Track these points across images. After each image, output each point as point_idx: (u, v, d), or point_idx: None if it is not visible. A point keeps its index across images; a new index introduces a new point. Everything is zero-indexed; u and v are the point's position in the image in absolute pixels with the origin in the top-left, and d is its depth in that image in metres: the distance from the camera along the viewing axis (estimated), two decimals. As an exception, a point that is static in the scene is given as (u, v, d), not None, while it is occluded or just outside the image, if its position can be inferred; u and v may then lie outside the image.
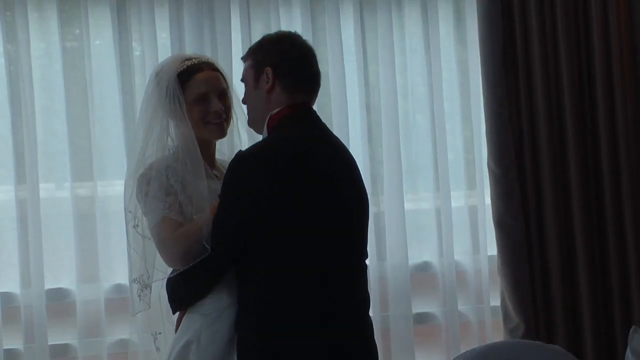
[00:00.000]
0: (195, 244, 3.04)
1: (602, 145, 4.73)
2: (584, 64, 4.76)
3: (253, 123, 3.17)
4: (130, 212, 3.19)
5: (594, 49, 4.74)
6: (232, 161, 3.05)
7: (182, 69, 3.19)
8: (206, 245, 3.02)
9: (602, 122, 4.73)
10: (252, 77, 3.13)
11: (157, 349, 3.31)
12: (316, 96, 3.18)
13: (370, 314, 3.19)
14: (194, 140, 3.18)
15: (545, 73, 4.69)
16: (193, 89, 3.18)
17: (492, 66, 4.63)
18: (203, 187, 3.14)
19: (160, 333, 3.30)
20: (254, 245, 3.01)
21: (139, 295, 3.18)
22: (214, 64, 3.27)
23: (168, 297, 3.17)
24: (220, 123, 3.20)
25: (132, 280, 3.20)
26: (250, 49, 3.19)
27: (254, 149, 3.07)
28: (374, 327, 3.20)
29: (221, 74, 3.25)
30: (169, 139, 3.21)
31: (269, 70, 3.08)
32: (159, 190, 3.10)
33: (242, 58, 3.21)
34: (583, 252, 4.69)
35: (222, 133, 3.23)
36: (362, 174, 3.23)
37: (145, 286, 3.17)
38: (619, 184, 4.74)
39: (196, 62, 3.23)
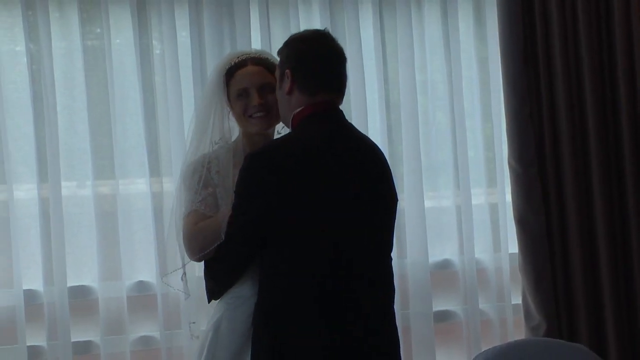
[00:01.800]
0: (211, 238, 3.12)
1: (624, 141, 4.70)
2: (606, 61, 4.74)
3: (283, 120, 3.24)
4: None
5: (616, 45, 4.72)
6: (244, 159, 3.08)
7: (229, 66, 3.32)
8: (223, 236, 3.10)
9: (624, 117, 4.70)
10: (278, 77, 3.18)
11: (196, 337, 3.45)
12: (342, 95, 3.19)
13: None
14: (231, 135, 3.32)
15: (566, 69, 4.67)
16: (234, 85, 3.30)
17: (513, 63, 4.62)
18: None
19: (194, 322, 3.49)
20: (265, 242, 3.04)
21: (184, 282, 3.32)
22: (260, 58, 3.35)
23: (205, 288, 3.27)
24: (261, 117, 3.27)
25: (181, 268, 3.31)
26: (280, 48, 3.23)
27: (265, 147, 3.12)
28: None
29: (267, 67, 3.31)
30: (216, 132, 3.32)
31: (288, 72, 3.12)
32: (198, 183, 3.23)
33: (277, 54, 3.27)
34: (605, 249, 4.67)
35: (265, 126, 3.30)
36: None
37: (184, 272, 3.32)
38: (641, 181, 4.73)
39: (243, 58, 3.34)
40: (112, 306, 4.35)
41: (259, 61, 3.33)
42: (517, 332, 4.73)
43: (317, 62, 3.13)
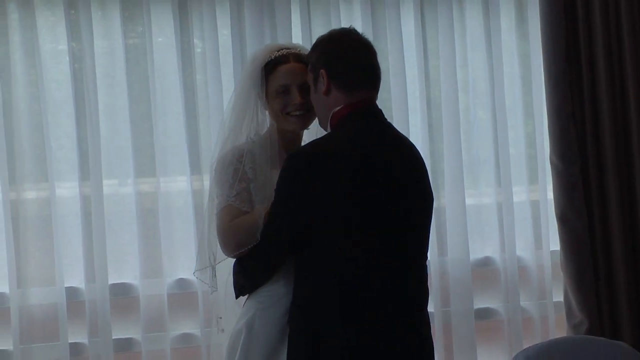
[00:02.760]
0: (247, 236, 3.10)
1: (668, 139, 4.67)
2: (649, 57, 4.71)
3: (320, 123, 3.22)
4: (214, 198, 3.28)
5: (659, 42, 4.68)
6: (285, 159, 3.08)
7: (269, 59, 3.26)
8: (258, 236, 3.09)
9: (668, 116, 4.67)
10: (311, 81, 3.17)
11: (222, 330, 3.42)
12: (377, 91, 3.17)
13: (431, 309, 3.17)
14: (270, 129, 3.27)
15: (609, 66, 4.64)
16: (275, 80, 3.24)
17: (555, 60, 4.59)
18: (271, 178, 3.17)
19: (221, 317, 3.41)
20: (300, 242, 3.04)
21: (214, 277, 3.30)
22: (302, 55, 3.28)
23: (233, 283, 3.25)
24: (300, 115, 3.24)
25: (209, 265, 3.31)
26: (308, 52, 3.23)
27: (304, 148, 3.13)
28: (434, 322, 3.19)
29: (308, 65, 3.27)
30: (250, 126, 3.29)
31: (323, 72, 3.11)
32: (232, 177, 3.19)
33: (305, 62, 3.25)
34: (648, 247, 4.64)
35: (302, 125, 3.27)
36: (422, 169, 3.21)
37: (213, 266, 3.30)
38: (684, 178, 4.68)
39: (284, 53, 3.27)
40: (152, 304, 4.37)
41: (301, 58, 3.27)
42: (559, 330, 4.71)
43: (350, 57, 3.11)
